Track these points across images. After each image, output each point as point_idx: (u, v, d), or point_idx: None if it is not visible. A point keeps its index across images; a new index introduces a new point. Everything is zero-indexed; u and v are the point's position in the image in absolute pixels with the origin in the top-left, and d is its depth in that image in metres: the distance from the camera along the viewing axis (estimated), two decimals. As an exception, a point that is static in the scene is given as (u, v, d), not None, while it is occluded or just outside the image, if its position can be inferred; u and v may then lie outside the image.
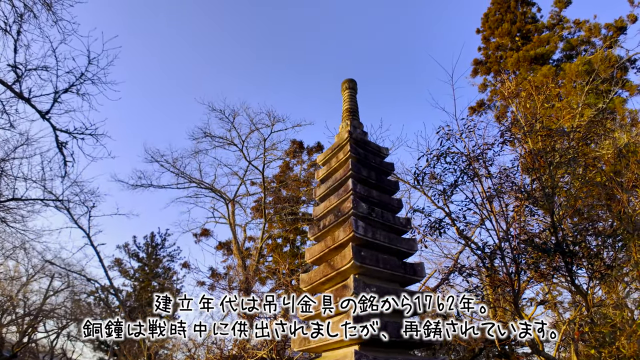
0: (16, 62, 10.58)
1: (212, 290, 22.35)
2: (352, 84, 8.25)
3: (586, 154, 8.93)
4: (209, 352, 12.60)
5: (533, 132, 8.83)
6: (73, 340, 30.12)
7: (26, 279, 25.46)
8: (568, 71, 19.26)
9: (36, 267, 25.27)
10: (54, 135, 11.87)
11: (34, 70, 10.93)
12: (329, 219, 6.75)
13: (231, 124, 22.45)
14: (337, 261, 6.02)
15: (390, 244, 6.37)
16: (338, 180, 7.08)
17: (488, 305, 9.32)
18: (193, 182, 23.58)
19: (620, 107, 19.47)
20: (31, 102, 11.21)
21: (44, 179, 14.75)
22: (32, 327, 26.56)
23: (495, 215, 8.17)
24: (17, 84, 10.84)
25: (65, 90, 11.35)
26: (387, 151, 7.85)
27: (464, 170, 8.47)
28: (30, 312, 25.99)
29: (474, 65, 25.54)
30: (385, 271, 6.04)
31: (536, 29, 24.03)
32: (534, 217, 8.74)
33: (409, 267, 6.38)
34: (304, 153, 24.99)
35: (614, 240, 7.92)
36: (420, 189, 10.68)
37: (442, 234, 8.98)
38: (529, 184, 8.99)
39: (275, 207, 22.77)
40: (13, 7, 10.06)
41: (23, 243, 21.44)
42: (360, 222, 6.17)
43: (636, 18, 22.02)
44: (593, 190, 8.50)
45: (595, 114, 10.47)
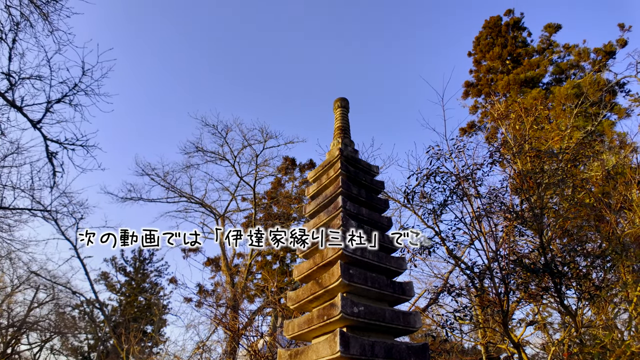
0: (10, 70, 10.57)
1: (199, 307, 22.07)
2: (344, 102, 8.32)
3: (575, 175, 9.01)
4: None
5: (522, 153, 8.92)
6: (56, 353, 29.47)
7: (10, 290, 24.99)
8: (557, 94, 19.57)
9: (21, 277, 24.87)
10: (45, 145, 11.80)
11: (28, 79, 10.92)
12: (318, 236, 6.70)
13: (224, 139, 22.46)
14: (325, 279, 5.97)
15: (379, 262, 6.33)
16: (328, 197, 7.07)
17: (477, 326, 9.26)
18: (183, 197, 23.44)
19: (609, 130, 19.76)
20: (23, 111, 11.15)
21: (32, 189, 14.56)
22: (15, 339, 25.97)
23: (485, 235, 8.18)
24: (9, 92, 10.81)
25: (58, 100, 11.32)
26: (377, 169, 7.87)
27: (454, 190, 8.51)
28: (13, 323, 25.43)
29: (465, 87, 25.90)
30: (374, 290, 5.98)
31: (526, 53, 24.47)
32: (523, 237, 8.77)
33: (397, 286, 6.33)
34: (296, 170, 25.02)
35: (603, 261, 7.95)
36: (410, 207, 10.71)
37: (431, 253, 8.97)
38: (518, 204, 9.04)
39: (266, 223, 22.65)
40: (10, 16, 10.08)
41: (9, 253, 21.13)
42: (349, 240, 6.14)
43: (626, 42, 22.48)
44: (582, 211, 8.56)
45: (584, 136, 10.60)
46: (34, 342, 28.21)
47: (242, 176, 22.61)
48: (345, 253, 6.00)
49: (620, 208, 9.09)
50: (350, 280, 5.74)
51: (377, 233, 6.75)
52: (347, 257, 6.04)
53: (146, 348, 24.85)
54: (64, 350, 29.56)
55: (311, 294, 6.08)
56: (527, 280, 8.26)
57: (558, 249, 8.85)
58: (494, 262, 8.02)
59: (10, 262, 23.42)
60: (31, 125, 11.47)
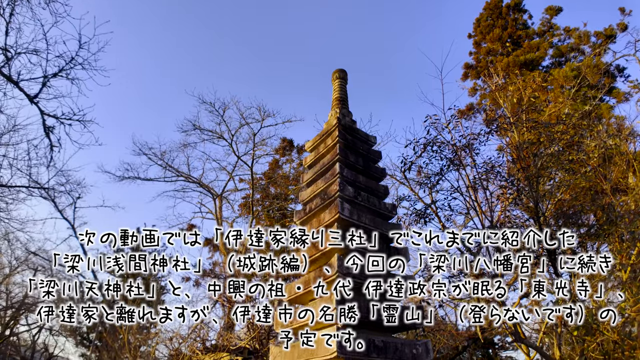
0: (6, 45, 10.50)
1: (198, 287, 22.22)
2: (342, 73, 8.31)
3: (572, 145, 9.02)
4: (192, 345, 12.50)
5: (519, 122, 8.91)
6: (55, 334, 29.66)
7: (9, 271, 25.07)
8: (557, 76, 19.50)
9: (20, 258, 24.91)
10: (42, 120, 11.76)
11: (24, 54, 10.85)
12: (315, 202, 6.75)
13: (221, 117, 22.29)
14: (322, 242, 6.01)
15: (375, 227, 6.38)
16: (325, 165, 7.10)
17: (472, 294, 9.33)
18: (181, 176, 23.38)
19: (607, 113, 19.76)
20: (20, 86, 11.11)
21: (29, 166, 14.55)
22: (14, 320, 26.12)
23: (480, 204, 8.23)
24: (6, 67, 10.76)
25: (55, 74, 11.25)
26: (375, 139, 7.89)
27: (452, 159, 8.51)
28: (12, 304, 25.56)
29: (464, 69, 25.76)
30: (370, 253, 6.03)
31: (527, 35, 24.34)
32: (518, 205, 8.80)
33: (393, 251, 6.39)
34: (294, 151, 24.97)
35: (598, 230, 8.00)
36: (407, 184, 10.73)
37: (426, 223, 9.01)
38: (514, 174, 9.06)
39: (263, 204, 22.69)
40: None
41: (7, 233, 21.15)
42: (346, 205, 6.19)
43: (626, 26, 22.35)
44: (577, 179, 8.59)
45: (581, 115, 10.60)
46: (33, 323, 28.40)
47: (240, 155, 22.52)
48: (342, 217, 6.05)
49: (616, 190, 9.11)
50: (346, 243, 5.79)
51: (374, 199, 6.81)
52: (343, 221, 6.10)
53: (144, 328, 25.02)
54: (63, 332, 29.73)
55: (309, 257, 6.14)
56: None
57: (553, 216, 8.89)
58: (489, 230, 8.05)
59: (8, 243, 23.45)
60: (28, 100, 11.43)
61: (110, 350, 20.42)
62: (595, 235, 7.98)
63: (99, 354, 25.63)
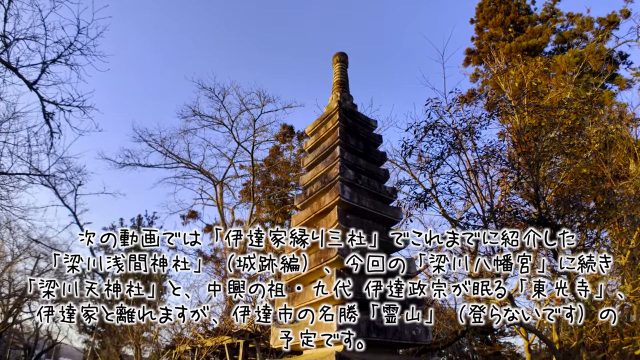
0: (5, 31, 10.44)
1: (199, 274, 22.31)
2: (343, 57, 8.25)
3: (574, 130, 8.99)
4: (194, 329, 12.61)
5: (520, 105, 8.87)
6: (58, 322, 29.93)
7: (11, 259, 25.19)
8: (559, 62, 19.36)
9: (22, 246, 25.02)
10: (41, 106, 11.74)
11: (23, 40, 10.79)
12: (315, 185, 6.75)
13: (221, 103, 22.25)
14: (322, 225, 6.04)
15: (376, 210, 6.40)
16: (326, 148, 7.08)
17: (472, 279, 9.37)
18: (181, 163, 23.41)
19: (609, 100, 19.66)
20: (19, 72, 11.07)
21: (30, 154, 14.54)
22: (17, 308, 26.32)
23: (480, 188, 8.22)
24: (4, 53, 10.71)
25: (54, 60, 11.20)
26: (375, 123, 7.85)
27: (452, 143, 8.49)
28: (15, 292, 25.74)
29: (466, 54, 25.61)
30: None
31: (529, 21, 24.14)
32: (519, 190, 8.80)
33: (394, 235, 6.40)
34: (295, 138, 24.94)
35: (598, 214, 8.00)
36: (407, 169, 10.73)
37: (427, 207, 9.01)
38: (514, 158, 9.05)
39: (264, 190, 22.71)
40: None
41: (9, 222, 21.21)
42: (346, 188, 6.19)
43: (629, 13, 22.18)
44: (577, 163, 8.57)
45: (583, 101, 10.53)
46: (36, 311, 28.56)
47: (240, 142, 22.51)
48: (343, 200, 6.05)
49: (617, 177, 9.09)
50: (347, 225, 5.82)
51: (375, 182, 6.81)
52: (344, 204, 6.10)
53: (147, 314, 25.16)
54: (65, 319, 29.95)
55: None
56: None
57: (553, 202, 8.90)
58: (488, 214, 8.08)
59: (10, 232, 23.53)
60: (27, 86, 11.39)
61: (113, 336, 20.62)
62: (595, 220, 7.98)
63: (102, 339, 25.90)
